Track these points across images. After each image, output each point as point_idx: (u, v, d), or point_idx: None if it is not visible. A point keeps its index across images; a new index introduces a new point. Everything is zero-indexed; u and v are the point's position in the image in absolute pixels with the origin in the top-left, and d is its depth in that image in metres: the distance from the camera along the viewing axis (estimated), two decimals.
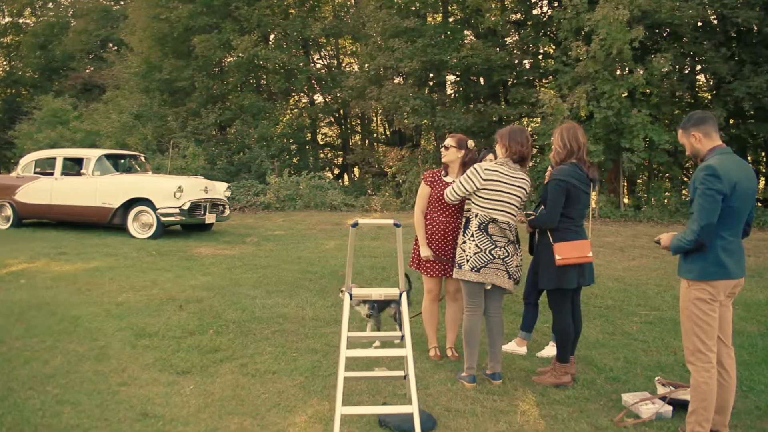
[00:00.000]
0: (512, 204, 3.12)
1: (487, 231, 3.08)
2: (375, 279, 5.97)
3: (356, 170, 24.52)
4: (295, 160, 19.06)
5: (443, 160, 3.54)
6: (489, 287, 3.14)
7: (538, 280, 3.28)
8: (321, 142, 23.08)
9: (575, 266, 3.14)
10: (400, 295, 2.79)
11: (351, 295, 2.77)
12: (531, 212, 3.37)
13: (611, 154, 12.52)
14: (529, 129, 16.16)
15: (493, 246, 3.08)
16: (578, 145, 3.18)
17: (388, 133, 23.85)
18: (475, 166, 3.12)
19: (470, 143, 3.46)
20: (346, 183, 22.02)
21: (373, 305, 3.71)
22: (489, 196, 3.09)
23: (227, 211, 9.58)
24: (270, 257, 7.31)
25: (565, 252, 3.10)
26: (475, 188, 3.10)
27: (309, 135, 20.56)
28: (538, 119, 14.43)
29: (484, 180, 3.08)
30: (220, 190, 9.55)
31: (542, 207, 3.29)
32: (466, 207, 3.33)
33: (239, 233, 9.71)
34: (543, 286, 3.26)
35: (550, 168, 3.47)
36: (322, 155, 22.57)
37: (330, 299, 5.04)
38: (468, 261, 3.09)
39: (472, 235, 3.09)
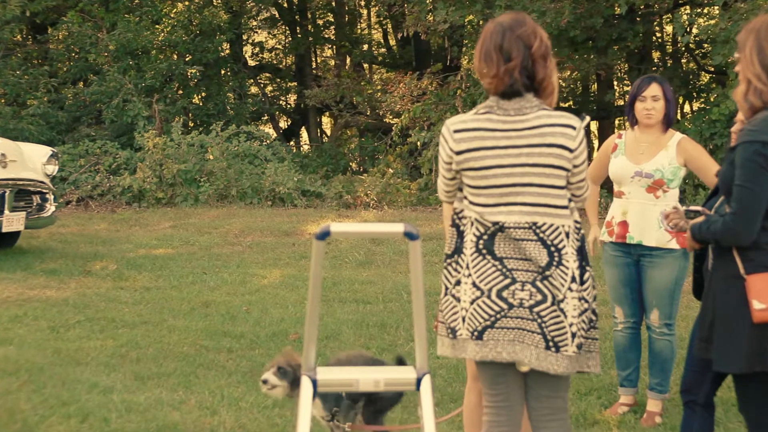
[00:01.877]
0: (531, 187, 3.10)
1: (492, 250, 3.11)
2: (365, 349, 5.94)
3: (326, 121, 24.59)
4: (197, 101, 19.10)
5: None
6: (526, 369, 3.18)
7: (712, 354, 3.29)
8: (252, 62, 23.16)
9: None
10: (419, 381, 2.80)
11: (315, 383, 2.78)
12: (695, 208, 3.39)
13: None
14: (694, 32, 16.24)
15: (506, 279, 3.11)
16: None
17: (392, 43, 23.91)
18: (444, 126, 3.20)
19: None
20: (306, 148, 22.09)
21: (350, 405, 3.74)
22: (475, 181, 3.13)
23: (50, 207, 9.65)
24: (143, 305, 7.35)
25: None
26: (450, 171, 3.18)
27: (227, 47, 20.61)
28: (714, 9, 14.44)
29: (458, 154, 3.13)
30: (33, 161, 9.63)
31: (721, 200, 3.31)
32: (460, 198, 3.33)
33: (77, 253, 9.75)
34: (724, 366, 3.26)
35: (739, 119, 3.47)
36: (253, 89, 22.62)
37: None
38: (465, 319, 3.15)
39: (468, 265, 3.15)
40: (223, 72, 19.93)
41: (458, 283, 3.16)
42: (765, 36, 3.16)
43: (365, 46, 23.39)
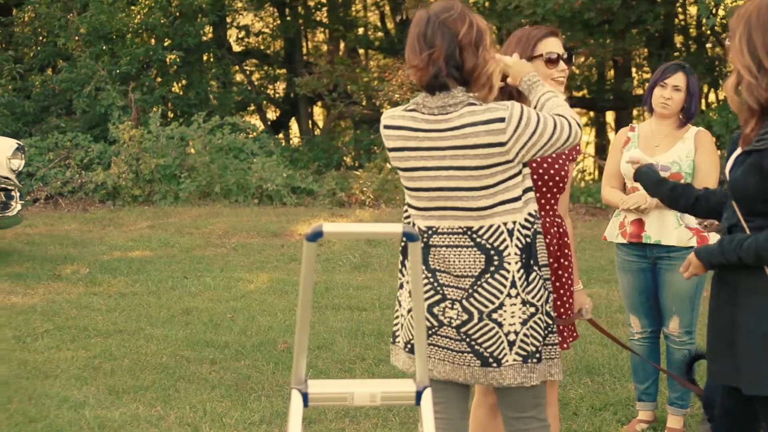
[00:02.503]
0: (460, 191, 3.12)
1: (426, 260, 3.19)
2: (361, 360, 6.03)
3: (318, 112, 24.55)
4: (177, 89, 19.06)
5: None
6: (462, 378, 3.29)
7: (732, 370, 3.26)
8: (238, 48, 23.15)
9: None
10: (419, 395, 2.80)
11: (306, 397, 2.79)
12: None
13: None
14: (720, 13, 16.30)
15: (437, 296, 3.18)
16: None
17: (390, 26, 23.88)
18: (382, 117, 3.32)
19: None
20: (296, 141, 22.07)
21: None
22: (406, 182, 3.25)
23: (16, 206, 9.64)
24: (118, 312, 7.36)
25: None
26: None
27: (209, 30, 20.60)
28: None
29: (390, 151, 3.24)
30: None
31: (734, 207, 3.29)
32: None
33: (46, 256, 9.76)
34: (750, 387, 3.22)
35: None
36: (239, 77, 22.61)
37: (257, 406, 5.10)
38: (403, 327, 3.32)
39: (407, 271, 3.30)
40: (205, 58, 19.88)
41: (401, 286, 3.28)
42: (756, 23, 3.00)
43: (361, 30, 23.37)
